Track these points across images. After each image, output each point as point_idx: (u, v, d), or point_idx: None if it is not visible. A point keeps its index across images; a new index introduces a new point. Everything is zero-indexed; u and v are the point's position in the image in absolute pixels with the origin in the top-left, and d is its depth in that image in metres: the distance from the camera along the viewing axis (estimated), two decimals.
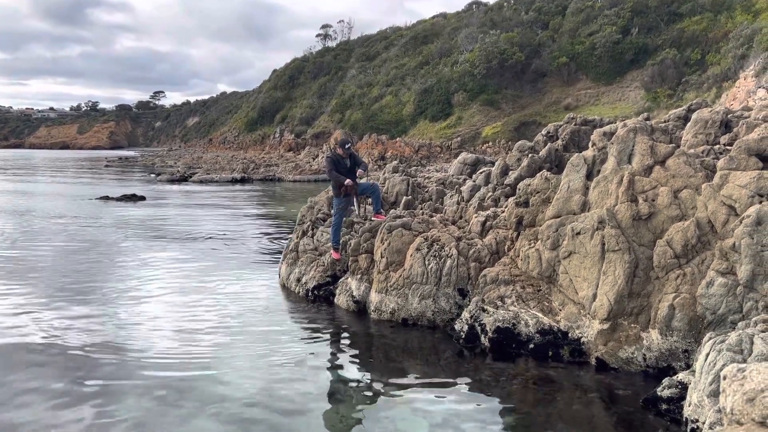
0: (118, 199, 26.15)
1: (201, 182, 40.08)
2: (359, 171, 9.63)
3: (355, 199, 9.68)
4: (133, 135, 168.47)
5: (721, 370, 4.59)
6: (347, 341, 8.15)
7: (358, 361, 7.39)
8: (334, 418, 5.74)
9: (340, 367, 7.20)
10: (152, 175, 46.44)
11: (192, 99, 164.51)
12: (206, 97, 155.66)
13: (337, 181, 9.57)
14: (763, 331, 5.12)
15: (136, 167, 61.60)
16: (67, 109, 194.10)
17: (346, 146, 9.59)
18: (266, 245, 15.21)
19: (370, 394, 6.38)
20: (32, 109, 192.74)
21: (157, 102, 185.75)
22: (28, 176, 46.26)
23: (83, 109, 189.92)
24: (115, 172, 54.02)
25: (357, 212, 9.57)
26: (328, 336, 8.33)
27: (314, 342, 8.01)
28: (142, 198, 26.94)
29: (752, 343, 4.94)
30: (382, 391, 6.39)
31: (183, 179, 41.47)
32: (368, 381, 6.74)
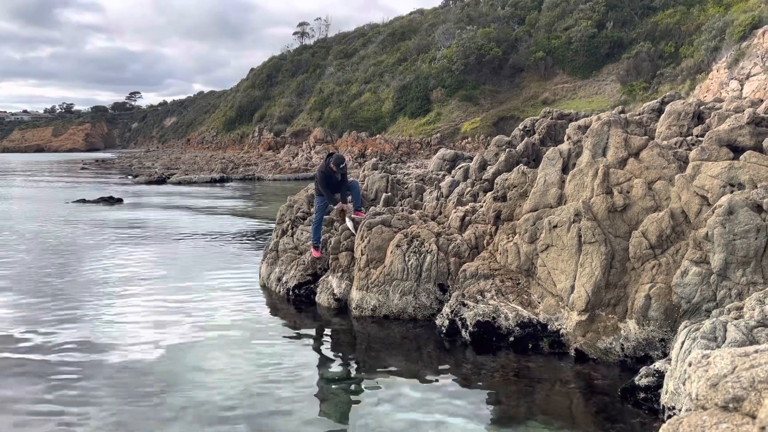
0: (95, 202, 25.83)
1: (179, 183, 39.71)
2: (348, 210, 9.73)
3: (348, 219, 9.73)
4: (110, 136, 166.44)
5: None
6: (329, 339, 8.15)
7: (340, 358, 7.40)
8: (316, 416, 5.74)
9: (322, 365, 7.21)
10: (130, 177, 45.93)
11: (168, 99, 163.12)
12: (183, 96, 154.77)
13: (330, 201, 9.70)
14: (736, 319, 5.22)
15: (113, 169, 60.87)
16: (41, 111, 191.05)
17: (341, 165, 9.64)
18: (246, 245, 15.13)
19: (352, 391, 6.40)
20: (5, 112, 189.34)
21: (133, 103, 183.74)
22: (2, 179, 45.46)
23: (57, 111, 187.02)
24: (91, 174, 53.32)
25: (353, 231, 9.60)
26: (309, 334, 8.32)
27: (296, 341, 8.00)
28: (119, 200, 26.64)
29: (726, 330, 5.04)
30: (365, 387, 6.41)
31: (161, 180, 41.04)
32: (350, 378, 6.76)
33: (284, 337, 8.16)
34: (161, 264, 12.66)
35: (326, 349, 7.76)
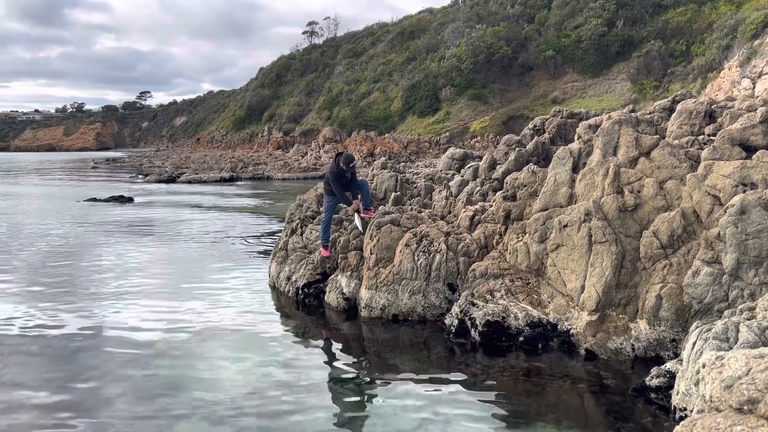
0: (106, 201, 25.99)
1: (189, 182, 39.87)
2: (358, 203, 9.72)
3: (357, 217, 9.72)
4: (120, 136, 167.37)
5: None
6: (338, 338, 8.15)
7: (349, 358, 7.40)
8: (325, 416, 5.74)
9: (331, 364, 7.21)
10: (140, 176, 46.18)
11: (178, 98, 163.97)
12: (193, 96, 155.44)
13: (344, 202, 9.68)
14: (748, 319, 5.17)
15: (124, 168, 61.21)
16: (53, 110, 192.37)
17: (350, 165, 9.64)
18: (255, 244, 15.17)
19: (361, 390, 6.40)
20: (17, 111, 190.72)
21: (143, 102, 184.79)
22: (14, 179, 45.82)
23: (69, 110, 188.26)
24: (102, 173, 53.65)
25: (361, 230, 9.59)
26: (318, 334, 8.33)
27: (305, 340, 8.01)
28: (130, 199, 26.80)
29: (738, 331, 4.99)
30: (374, 387, 6.41)
31: (171, 179, 41.25)
32: (359, 378, 6.75)
33: (293, 336, 8.17)
34: (170, 262, 12.72)
35: (335, 349, 7.77)
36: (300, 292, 9.81)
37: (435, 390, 6.27)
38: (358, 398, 6.20)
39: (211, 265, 12.46)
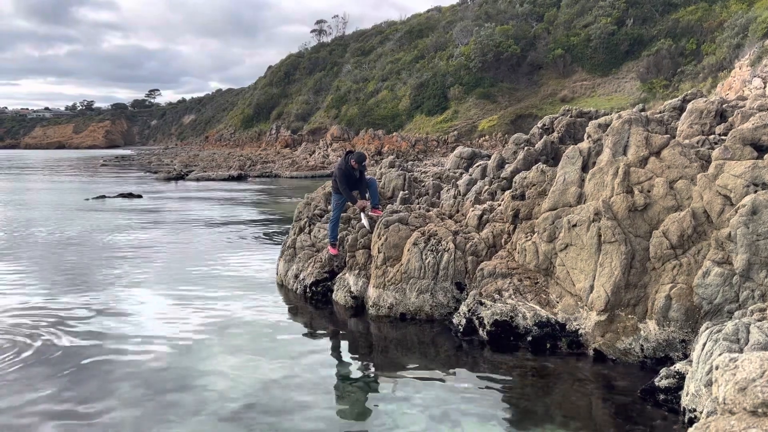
0: (115, 198, 26.11)
1: (198, 180, 40.04)
2: (365, 202, 9.68)
3: (363, 215, 9.71)
4: (129, 134, 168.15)
5: None
6: (345, 337, 8.16)
7: (356, 356, 7.40)
8: (333, 414, 5.74)
9: (339, 362, 7.21)
10: (149, 174, 46.36)
11: (187, 97, 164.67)
12: (201, 94, 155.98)
13: (350, 200, 9.67)
14: (759, 320, 5.13)
15: (133, 166, 61.46)
16: (63, 108, 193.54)
17: (362, 163, 9.62)
18: (263, 242, 15.20)
19: (369, 389, 6.39)
20: (27, 109, 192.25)
21: (152, 100, 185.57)
22: (25, 176, 46.12)
23: (78, 108, 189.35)
24: (111, 171, 53.90)
25: (368, 228, 9.58)
26: (326, 332, 8.34)
27: (312, 338, 8.01)
28: (139, 196, 26.92)
29: (748, 332, 4.95)
30: (381, 386, 6.41)
31: (180, 177, 41.44)
32: (367, 376, 6.75)
33: (301, 334, 8.18)
34: (177, 260, 12.76)
35: (343, 347, 7.76)
36: (308, 290, 9.82)
37: (442, 390, 6.26)
38: (365, 396, 6.20)
39: (218, 262, 12.50)
